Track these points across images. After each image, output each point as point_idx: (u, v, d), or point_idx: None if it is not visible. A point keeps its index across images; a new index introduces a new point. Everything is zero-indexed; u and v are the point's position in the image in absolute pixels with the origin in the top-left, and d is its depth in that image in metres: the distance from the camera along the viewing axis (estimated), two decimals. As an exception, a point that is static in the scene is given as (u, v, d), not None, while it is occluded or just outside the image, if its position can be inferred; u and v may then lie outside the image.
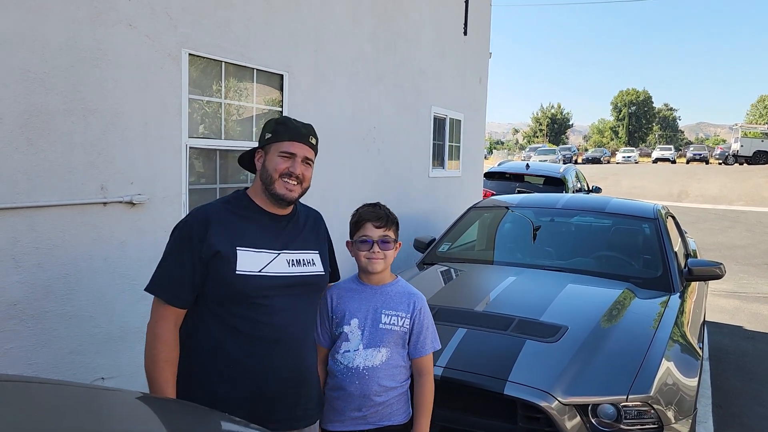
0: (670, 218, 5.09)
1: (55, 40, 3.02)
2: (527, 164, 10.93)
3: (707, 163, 44.14)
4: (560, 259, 4.38)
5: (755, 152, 39.22)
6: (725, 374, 5.25)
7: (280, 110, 4.72)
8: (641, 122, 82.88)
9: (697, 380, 2.98)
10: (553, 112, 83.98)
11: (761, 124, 58.04)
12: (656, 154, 48.56)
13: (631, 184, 27.49)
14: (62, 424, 1.26)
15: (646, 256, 4.37)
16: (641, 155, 54.80)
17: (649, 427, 2.64)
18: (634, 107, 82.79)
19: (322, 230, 2.20)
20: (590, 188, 12.01)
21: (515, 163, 12.57)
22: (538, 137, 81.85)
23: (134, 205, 3.46)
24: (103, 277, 3.32)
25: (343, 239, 2.35)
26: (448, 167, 8.26)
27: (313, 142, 2.05)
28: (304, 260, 2.03)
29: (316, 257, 2.08)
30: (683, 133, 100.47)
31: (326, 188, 5.21)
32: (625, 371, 2.76)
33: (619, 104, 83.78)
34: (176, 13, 3.66)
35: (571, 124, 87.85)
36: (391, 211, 2.30)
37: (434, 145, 7.76)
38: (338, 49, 5.41)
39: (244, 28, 4.22)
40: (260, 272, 1.90)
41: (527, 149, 52.57)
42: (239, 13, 4.17)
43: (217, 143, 4.11)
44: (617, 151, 56.68)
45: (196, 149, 3.96)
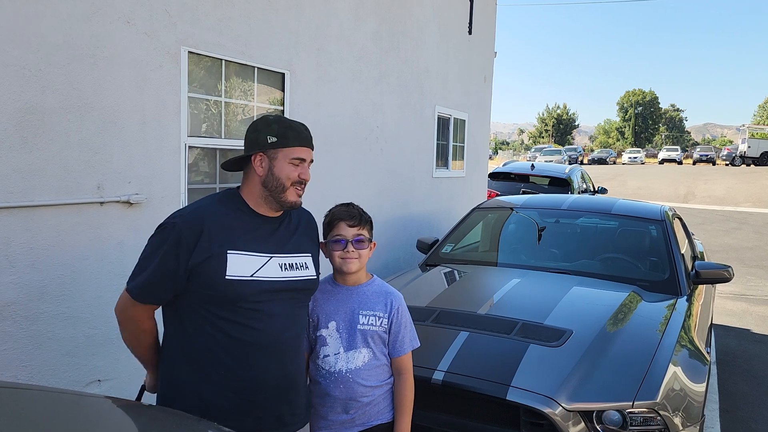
0: (677, 220, 5.02)
1: (51, 36, 2.97)
2: (532, 165, 10.87)
3: (714, 164, 43.97)
4: (565, 261, 4.32)
5: (762, 153, 39.05)
6: (733, 378, 5.17)
7: (281, 109, 4.67)
8: (647, 123, 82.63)
9: (704, 386, 2.91)
10: (558, 112, 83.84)
11: (768, 125, 57.73)
12: (662, 154, 48.42)
13: (637, 185, 27.36)
14: None
15: (652, 258, 4.30)
16: (647, 156, 54.67)
17: (655, 434, 2.57)
18: (640, 108, 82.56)
19: (315, 231, 2.13)
20: (596, 189, 11.93)
21: (520, 163, 12.51)
22: (543, 138, 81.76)
23: (132, 204, 3.41)
24: (99, 278, 3.27)
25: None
26: (452, 167, 8.20)
27: (313, 143, 2.01)
28: (296, 264, 1.96)
29: (309, 260, 2.02)
30: (690, 133, 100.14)
31: (327, 188, 5.15)
32: (631, 377, 2.69)
33: (625, 105, 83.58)
34: (175, 10, 3.61)
35: (576, 124, 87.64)
36: (364, 210, 2.27)
37: (438, 145, 7.70)
38: (341, 47, 5.36)
39: (244, 25, 4.17)
40: (251, 277, 1.83)
41: (532, 150, 52.55)
42: (239, 10, 4.12)
43: (216, 142, 4.06)
44: (623, 151, 56.51)
45: (195, 148, 3.91)
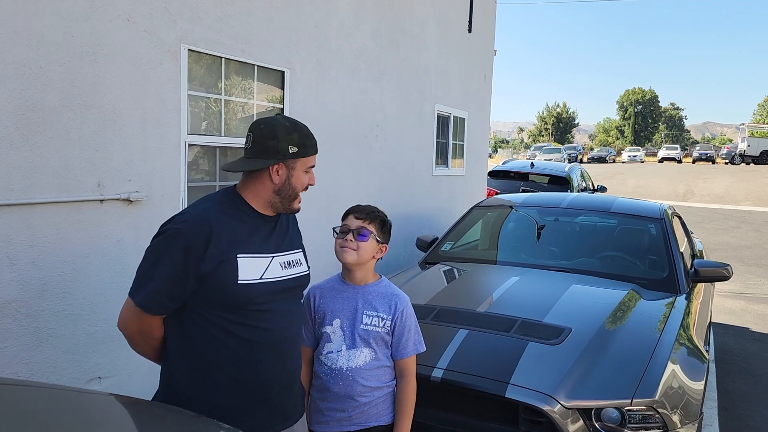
0: (676, 218, 5.03)
1: (51, 34, 2.97)
2: (532, 163, 10.87)
3: (713, 162, 43.97)
4: (564, 259, 4.33)
5: (762, 152, 39.06)
6: (731, 376, 5.18)
7: (281, 107, 4.67)
8: (647, 121, 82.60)
9: (703, 384, 2.92)
10: (558, 111, 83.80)
11: (768, 123, 57.72)
12: (662, 153, 48.43)
13: (636, 183, 27.37)
14: (48, 430, 1.21)
15: (651, 256, 4.31)
16: (647, 154, 54.68)
17: (653, 431, 2.59)
18: (640, 106, 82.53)
19: (297, 225, 2.14)
20: (595, 187, 11.94)
21: (520, 161, 12.51)
22: (543, 136, 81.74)
23: (132, 202, 3.41)
24: (99, 275, 3.28)
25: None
26: (451, 166, 8.20)
27: None
28: (293, 261, 1.98)
29: (301, 256, 2.04)
30: (689, 132, 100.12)
31: (327, 186, 5.15)
32: (629, 374, 2.70)
33: (625, 103, 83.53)
34: (175, 7, 3.61)
35: (576, 123, 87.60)
36: (381, 211, 2.26)
37: (438, 143, 7.70)
38: (341, 45, 5.36)
39: (244, 23, 4.17)
40: (260, 279, 1.83)
41: (532, 148, 52.52)
42: (239, 8, 4.12)
43: (216, 140, 4.07)
44: (623, 150, 56.50)
45: (195, 146, 3.91)
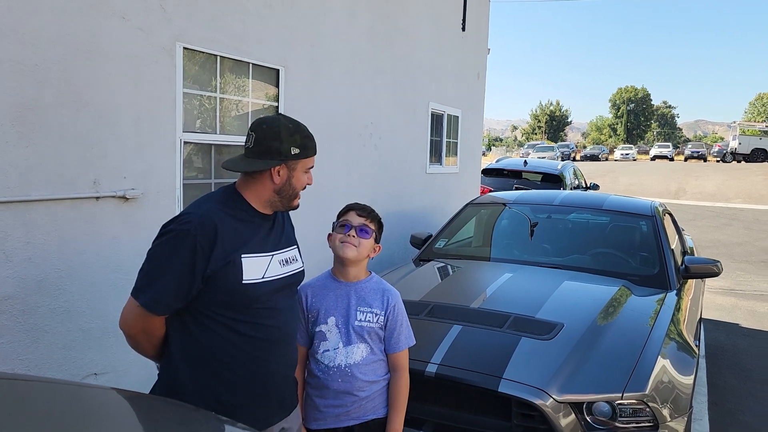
0: (667, 215, 5.08)
1: (46, 31, 2.98)
2: (525, 161, 10.92)
3: (705, 160, 44.20)
4: (557, 256, 4.37)
5: (753, 150, 39.28)
6: (721, 372, 5.24)
7: (276, 105, 4.69)
8: (639, 120, 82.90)
9: (692, 378, 2.97)
10: (551, 109, 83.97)
11: (759, 122, 58.08)
12: (654, 151, 48.62)
13: (629, 181, 27.50)
14: (51, 423, 1.23)
15: (643, 253, 4.36)
16: (639, 152, 54.86)
17: (644, 425, 2.63)
18: (632, 105, 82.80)
19: (291, 221, 2.18)
20: (588, 185, 11.99)
21: (513, 159, 12.55)
22: (536, 134, 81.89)
23: (127, 199, 3.43)
24: (95, 272, 3.29)
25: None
26: (445, 163, 8.23)
27: None
28: (290, 258, 2.02)
29: (296, 253, 2.08)
30: (681, 130, 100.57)
31: (322, 184, 5.17)
32: (620, 369, 2.74)
33: (617, 101, 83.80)
34: (170, 5, 3.62)
35: (569, 121, 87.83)
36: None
37: (432, 141, 7.73)
38: (335, 43, 5.38)
39: (239, 21, 4.19)
40: (263, 278, 1.87)
41: (526, 146, 52.67)
42: (235, 6, 4.13)
43: (212, 138, 4.08)
44: (615, 148, 56.75)
45: (190, 144, 3.93)
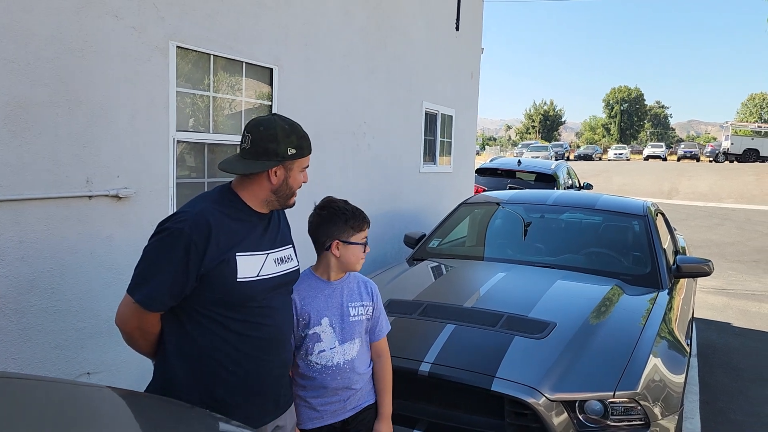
0: (659, 215, 5.11)
1: (40, 30, 2.97)
2: (519, 161, 10.95)
3: (698, 160, 44.43)
4: (550, 255, 4.39)
5: (745, 150, 39.50)
6: (713, 371, 5.27)
7: (269, 104, 4.68)
8: (633, 119, 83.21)
9: (684, 377, 2.99)
10: (545, 108, 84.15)
11: (751, 122, 58.44)
12: (647, 151, 48.84)
13: (622, 181, 27.60)
14: (45, 422, 1.24)
15: (635, 252, 4.39)
16: (633, 152, 55.05)
17: (635, 423, 2.65)
18: (626, 104, 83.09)
19: (287, 220, 2.18)
20: (581, 185, 12.04)
21: (507, 159, 12.58)
22: (530, 134, 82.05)
23: (120, 198, 3.42)
24: (88, 271, 3.29)
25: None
26: (439, 163, 8.25)
27: None
28: (285, 257, 2.03)
29: (292, 252, 2.10)
30: (674, 130, 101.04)
31: (316, 183, 5.18)
32: (612, 368, 2.76)
33: (611, 101, 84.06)
34: (163, 4, 3.62)
35: (563, 120, 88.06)
36: None
37: (425, 140, 7.74)
38: (329, 42, 5.38)
39: (233, 20, 4.18)
40: (258, 276, 1.88)
41: (519, 145, 52.79)
42: (228, 5, 4.13)
43: (205, 137, 4.08)
44: (609, 148, 56.91)
45: (183, 143, 3.92)
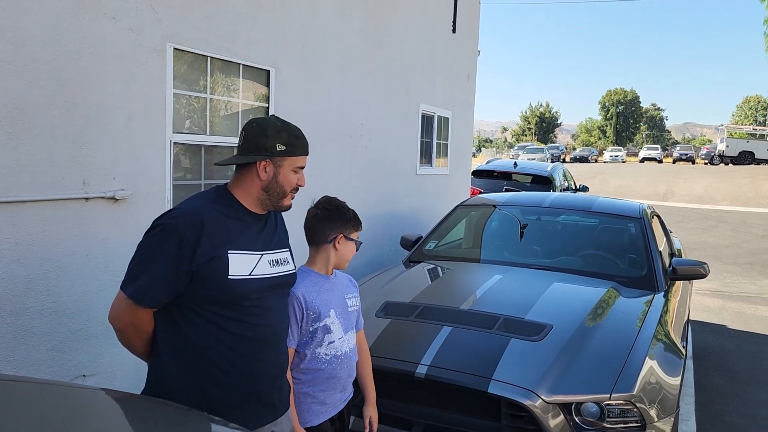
0: (655, 218, 5.13)
1: (37, 32, 2.96)
2: (515, 163, 10.96)
3: (693, 163, 44.53)
4: (546, 257, 4.40)
5: (740, 152, 39.63)
6: (708, 373, 5.29)
7: (266, 106, 4.68)
8: (629, 122, 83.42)
9: (679, 379, 3.00)
10: (541, 110, 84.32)
11: (747, 124, 58.67)
12: (643, 153, 48.90)
13: (618, 183, 27.67)
14: (41, 424, 1.23)
15: (631, 255, 4.40)
16: (628, 154, 55.21)
17: (631, 425, 2.65)
18: (621, 107, 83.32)
19: (284, 225, 2.19)
20: (577, 187, 12.06)
21: (503, 161, 12.60)
22: (526, 136, 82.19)
23: (117, 200, 3.42)
24: (84, 273, 3.28)
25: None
26: (435, 165, 8.25)
27: None
28: (281, 260, 2.04)
29: (288, 255, 2.10)
30: (670, 132, 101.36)
31: (312, 184, 5.16)
32: (608, 370, 2.77)
33: (607, 104, 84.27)
34: (161, 6, 3.62)
35: (559, 122, 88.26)
36: None
37: (422, 142, 7.75)
38: (326, 44, 5.38)
39: (230, 22, 4.18)
40: (250, 275, 1.88)
41: (516, 147, 52.82)
42: (225, 7, 4.13)
43: (202, 139, 4.08)
44: (605, 150, 57.03)
45: (180, 144, 3.92)
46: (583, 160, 49.21)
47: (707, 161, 42.85)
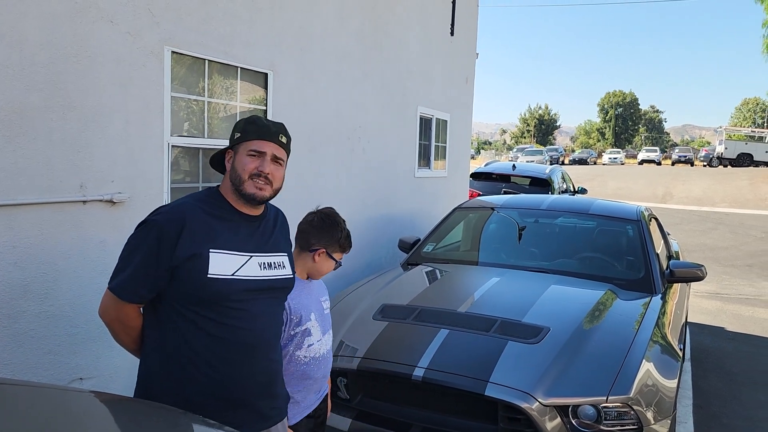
0: (653, 220, 5.13)
1: (34, 35, 2.97)
2: (513, 165, 10.97)
3: (692, 165, 44.57)
4: (544, 260, 4.40)
5: (739, 155, 39.67)
6: (706, 375, 5.29)
7: (264, 109, 4.69)
8: (627, 124, 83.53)
9: (676, 381, 3.01)
10: (540, 113, 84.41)
11: (745, 126, 58.76)
12: (642, 155, 48.97)
13: (617, 185, 27.69)
14: (37, 428, 1.23)
15: (628, 257, 4.41)
16: (627, 157, 55.27)
17: (628, 428, 2.66)
18: (620, 109, 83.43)
19: (288, 231, 2.17)
20: (576, 189, 12.08)
21: (502, 163, 12.62)
22: (525, 138, 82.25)
23: (114, 203, 3.42)
24: (81, 276, 3.28)
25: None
26: (434, 167, 8.26)
27: (283, 140, 1.98)
28: (275, 263, 1.99)
29: (285, 260, 2.06)
30: (669, 135, 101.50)
31: (310, 187, 5.18)
32: (605, 372, 2.77)
33: (605, 106, 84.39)
34: (158, 9, 3.62)
35: (558, 125, 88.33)
36: None
37: (420, 144, 7.76)
38: (324, 47, 5.39)
39: (228, 25, 4.19)
40: (233, 276, 1.85)
41: (514, 150, 52.90)
42: (223, 10, 4.13)
43: (200, 142, 4.08)
44: (604, 152, 57.10)
45: (178, 147, 3.92)
46: (582, 162, 49.27)
47: (706, 163, 42.88)
